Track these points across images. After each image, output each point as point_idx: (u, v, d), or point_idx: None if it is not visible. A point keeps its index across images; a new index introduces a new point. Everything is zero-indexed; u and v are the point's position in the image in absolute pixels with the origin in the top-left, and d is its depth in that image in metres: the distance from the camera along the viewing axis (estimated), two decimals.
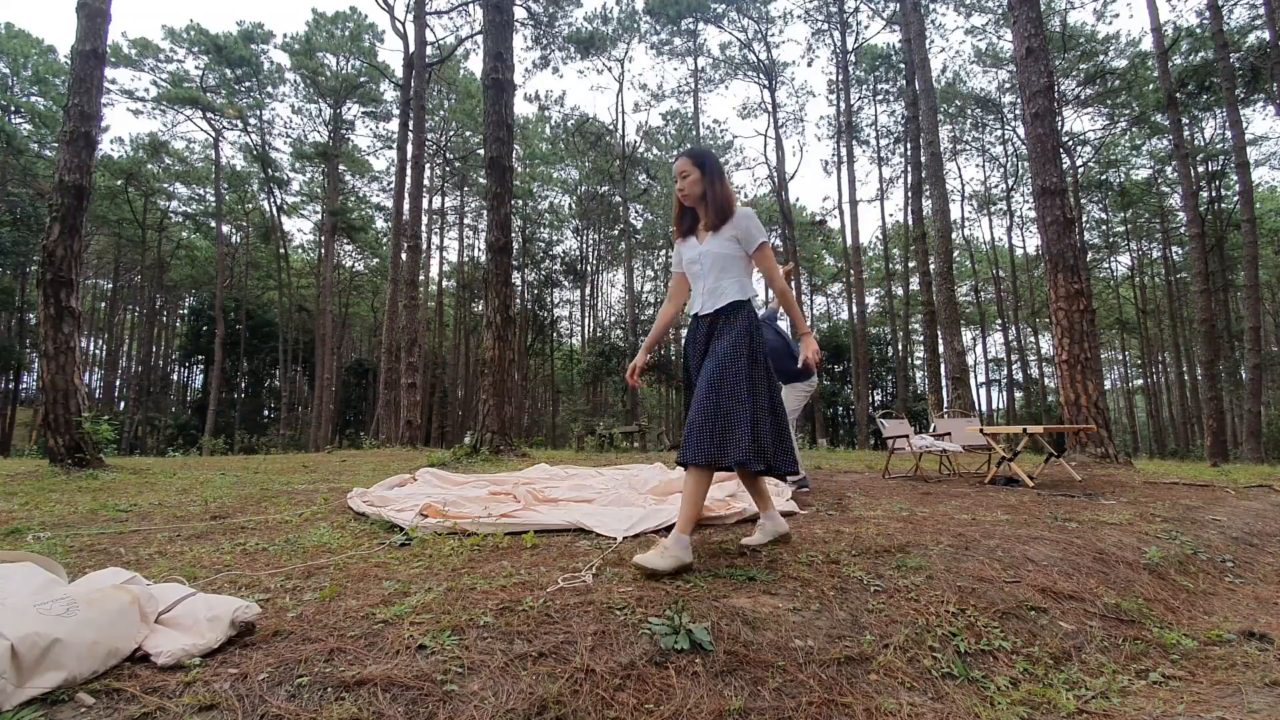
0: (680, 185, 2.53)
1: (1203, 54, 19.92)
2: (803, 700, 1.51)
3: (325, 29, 28.68)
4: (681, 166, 2.54)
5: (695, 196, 2.53)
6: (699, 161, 2.53)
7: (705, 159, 2.54)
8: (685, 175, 2.53)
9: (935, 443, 6.58)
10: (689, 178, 2.52)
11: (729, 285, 2.51)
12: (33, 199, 25.75)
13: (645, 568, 2.13)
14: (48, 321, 6.40)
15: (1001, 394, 39.79)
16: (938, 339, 16.33)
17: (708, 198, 2.51)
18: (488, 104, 9.57)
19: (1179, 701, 1.75)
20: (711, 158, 2.57)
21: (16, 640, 1.22)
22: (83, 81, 6.79)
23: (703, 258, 2.54)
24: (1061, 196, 8.24)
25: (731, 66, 29.24)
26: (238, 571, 2.26)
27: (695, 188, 2.52)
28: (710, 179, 2.51)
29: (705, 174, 2.51)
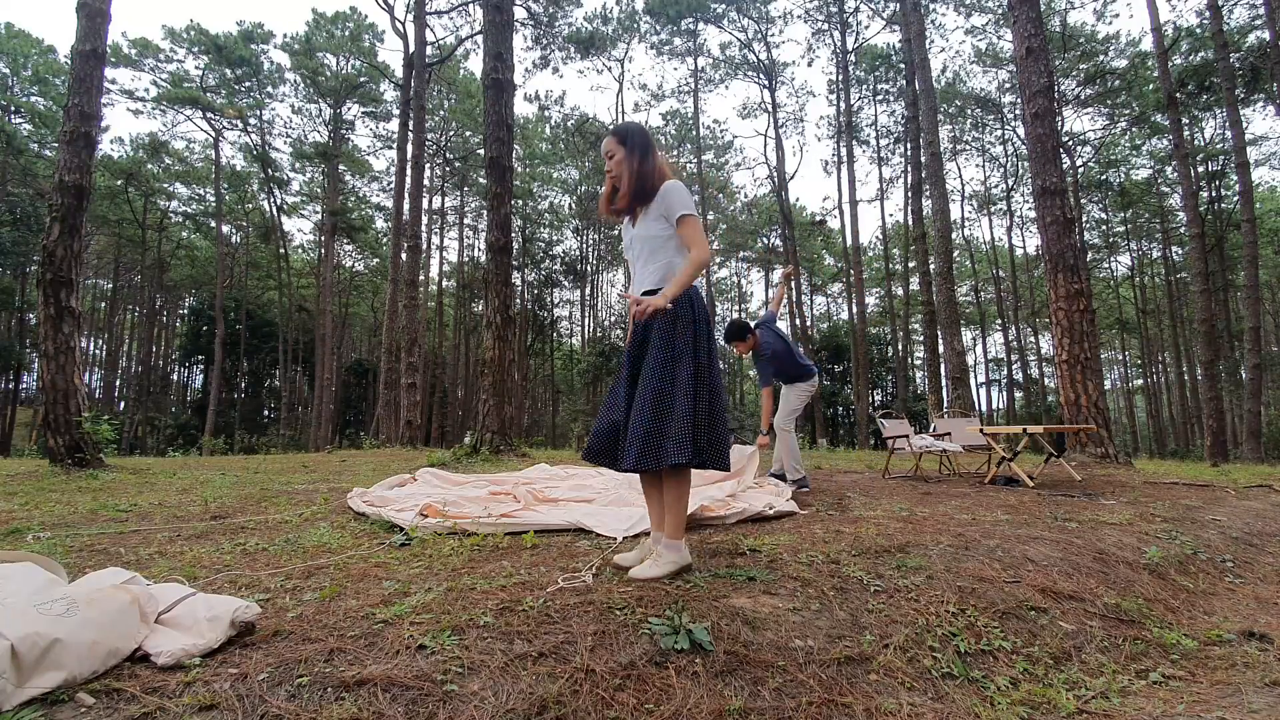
0: (608, 167, 2.36)
1: (1203, 54, 19.92)
2: (803, 700, 1.51)
3: (325, 29, 28.67)
4: (607, 146, 2.36)
5: (620, 176, 2.34)
6: (622, 138, 2.34)
7: (629, 135, 2.34)
8: (610, 155, 2.35)
9: (935, 443, 6.58)
10: (614, 157, 2.34)
11: (656, 270, 2.31)
12: (33, 199, 25.74)
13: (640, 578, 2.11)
14: (48, 321, 6.40)
15: (1001, 394, 39.81)
16: (938, 339, 16.32)
17: (629, 175, 2.31)
18: (488, 104, 9.57)
19: (1179, 701, 1.75)
20: (637, 133, 2.35)
21: (16, 640, 1.22)
22: (83, 81, 6.79)
23: (634, 242, 2.37)
24: (1061, 196, 8.24)
25: (731, 66, 29.24)
26: (238, 571, 2.26)
27: (620, 167, 2.33)
28: (632, 155, 2.31)
29: (628, 150, 2.31)
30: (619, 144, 2.33)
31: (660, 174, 2.32)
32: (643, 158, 2.31)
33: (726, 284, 44.66)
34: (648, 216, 2.32)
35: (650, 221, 2.32)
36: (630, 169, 2.31)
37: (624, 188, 2.33)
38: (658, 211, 2.30)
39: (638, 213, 2.37)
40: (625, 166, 2.31)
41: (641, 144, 2.33)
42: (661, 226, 2.31)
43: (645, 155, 2.32)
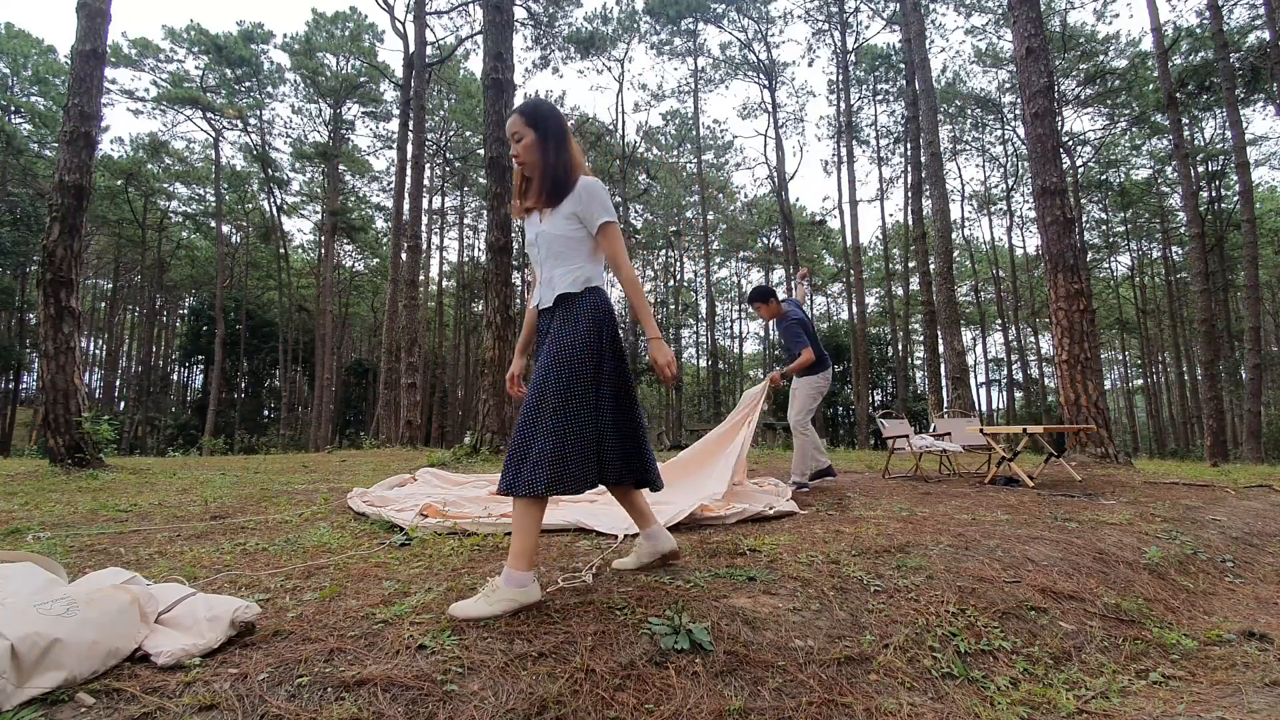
0: (514, 150, 2.05)
1: (1203, 54, 19.92)
2: (803, 700, 1.51)
3: (325, 29, 28.67)
4: (513, 126, 2.04)
5: (531, 165, 2.06)
6: (532, 120, 2.04)
7: (541, 117, 2.04)
8: (518, 137, 2.04)
9: (935, 443, 6.58)
10: (522, 140, 2.03)
11: (563, 274, 2.05)
12: (33, 199, 25.74)
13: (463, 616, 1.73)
14: (48, 321, 6.40)
15: (1001, 394, 39.82)
16: (938, 339, 16.32)
17: (542, 167, 2.03)
18: (488, 104, 9.58)
19: (1179, 701, 1.75)
20: (550, 115, 2.06)
21: (16, 640, 1.22)
22: (83, 81, 6.79)
23: (539, 240, 2.08)
24: (1061, 196, 8.24)
25: (731, 66, 29.26)
26: (238, 571, 2.26)
27: (530, 154, 2.04)
28: (545, 143, 2.02)
29: (540, 136, 2.02)
30: (528, 126, 2.03)
31: (575, 167, 2.05)
32: (558, 147, 2.04)
33: (726, 284, 44.66)
34: (558, 214, 2.05)
35: (561, 220, 2.05)
36: (545, 160, 2.03)
37: (537, 184, 2.06)
38: (571, 209, 2.03)
39: (545, 209, 2.09)
40: (537, 155, 2.03)
41: (556, 131, 2.04)
42: (574, 227, 2.05)
43: (561, 144, 2.04)
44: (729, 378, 44.55)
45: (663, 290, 38.61)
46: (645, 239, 35.70)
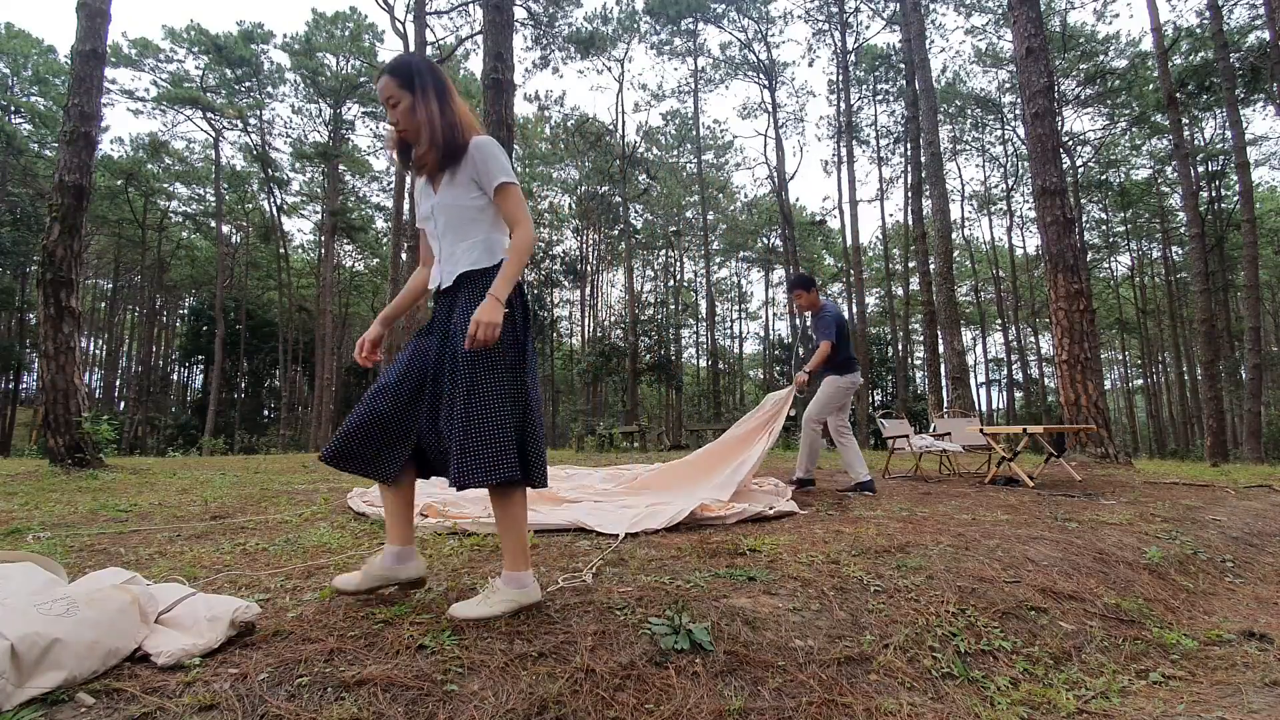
0: (392, 119, 1.82)
1: (1203, 54, 19.93)
2: (803, 700, 1.51)
3: (325, 29, 28.68)
4: (385, 88, 1.80)
5: (414, 129, 1.82)
6: (406, 80, 1.79)
7: (415, 73, 1.80)
8: (393, 101, 1.79)
9: (935, 443, 6.58)
10: (398, 105, 1.79)
11: (466, 249, 1.83)
12: (33, 199, 25.75)
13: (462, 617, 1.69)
14: (48, 321, 6.40)
15: (1001, 394, 39.82)
16: (938, 339, 16.33)
17: (425, 128, 1.79)
18: (488, 104, 9.57)
19: (1179, 701, 1.75)
20: (426, 71, 1.83)
21: (16, 640, 1.22)
22: (83, 81, 6.80)
23: (438, 213, 1.86)
24: (1061, 196, 8.24)
25: (731, 66, 29.26)
26: (238, 571, 2.26)
27: (407, 118, 1.79)
28: (426, 98, 1.79)
29: (418, 94, 1.78)
30: (401, 87, 1.78)
31: (467, 126, 1.84)
32: (441, 102, 1.80)
33: (727, 284, 44.68)
34: (455, 181, 1.83)
35: (459, 189, 1.83)
36: (430, 117, 1.78)
37: (426, 141, 1.81)
38: (468, 175, 1.82)
39: (439, 176, 1.87)
40: (422, 115, 1.79)
41: (437, 84, 1.81)
42: (475, 195, 1.83)
43: (444, 98, 1.81)
44: (729, 378, 44.54)
45: (663, 290, 38.60)
46: (645, 239, 35.70)
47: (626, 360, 27.63)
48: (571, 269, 33.25)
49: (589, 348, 33.68)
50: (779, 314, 43.81)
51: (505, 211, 1.82)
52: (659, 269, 40.04)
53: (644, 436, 17.35)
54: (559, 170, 36.15)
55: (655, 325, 30.82)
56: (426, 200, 1.91)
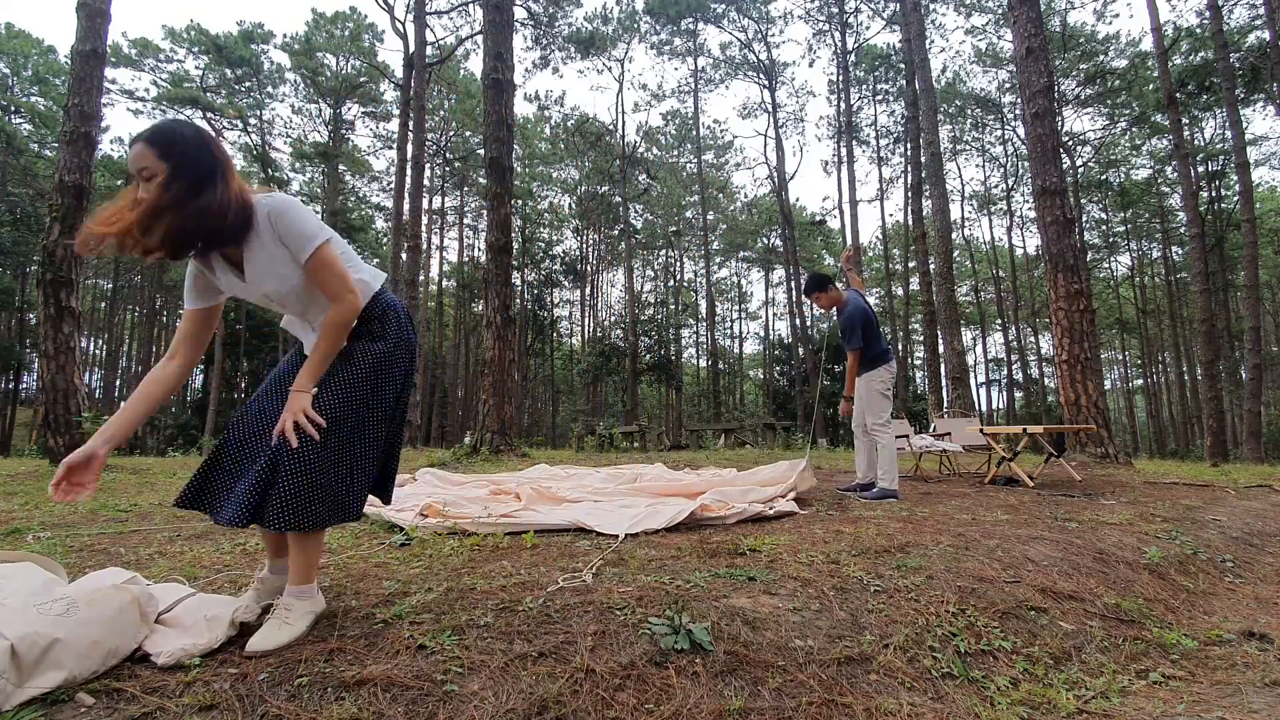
0: (142, 191, 1.46)
1: (1203, 54, 19.94)
2: (803, 700, 1.51)
3: (325, 29, 28.68)
4: (139, 158, 1.47)
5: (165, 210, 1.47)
6: (165, 151, 1.47)
7: (176, 145, 1.48)
8: (147, 174, 1.47)
9: (935, 443, 6.58)
10: (153, 179, 1.46)
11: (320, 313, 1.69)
12: (33, 199, 25.74)
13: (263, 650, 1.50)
14: (48, 321, 6.40)
15: (1001, 394, 39.82)
16: (938, 339, 16.33)
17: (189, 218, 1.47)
18: (488, 104, 9.58)
19: (1179, 701, 1.75)
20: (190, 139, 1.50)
21: (16, 640, 1.22)
22: (83, 81, 6.80)
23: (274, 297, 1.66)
24: (1061, 196, 8.24)
25: (731, 66, 29.27)
26: (238, 571, 2.26)
27: (162, 195, 1.46)
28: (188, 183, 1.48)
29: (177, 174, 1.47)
30: (161, 159, 1.47)
31: (242, 198, 1.55)
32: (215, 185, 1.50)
33: (726, 284, 44.69)
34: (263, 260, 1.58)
35: (277, 267, 1.60)
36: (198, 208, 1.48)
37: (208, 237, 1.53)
38: (276, 247, 1.58)
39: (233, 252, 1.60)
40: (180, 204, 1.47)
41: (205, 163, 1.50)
42: (294, 272, 1.62)
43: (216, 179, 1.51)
44: (729, 378, 44.55)
45: (663, 290, 38.61)
46: (645, 239, 35.71)
47: (626, 360, 27.63)
48: (571, 269, 33.29)
49: (589, 348, 33.69)
50: (779, 314, 43.85)
51: (320, 283, 1.62)
52: (659, 269, 40.05)
53: (644, 436, 17.36)
54: (559, 170, 36.16)
55: (655, 325, 30.84)
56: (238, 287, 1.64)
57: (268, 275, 1.61)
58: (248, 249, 1.58)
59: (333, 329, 1.63)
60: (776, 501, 3.74)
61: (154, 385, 1.64)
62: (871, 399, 4.57)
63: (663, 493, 4.02)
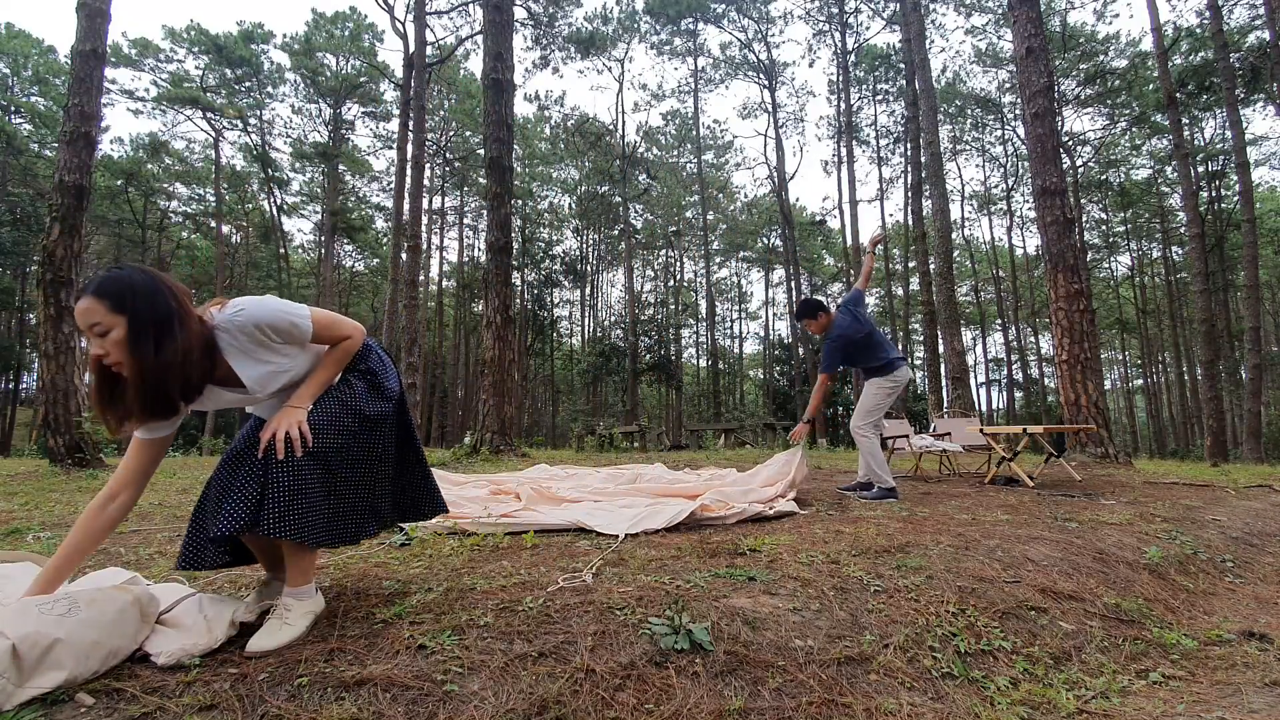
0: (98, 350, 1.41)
1: (1203, 54, 19.93)
2: (803, 700, 1.51)
3: (325, 29, 28.68)
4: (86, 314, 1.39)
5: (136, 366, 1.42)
6: (118, 303, 1.40)
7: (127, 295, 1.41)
8: (99, 330, 1.39)
9: (935, 443, 6.58)
10: (109, 336, 1.39)
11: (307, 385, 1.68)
12: (33, 199, 25.74)
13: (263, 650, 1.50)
14: (48, 321, 6.40)
15: (1001, 394, 39.83)
16: (938, 339, 16.34)
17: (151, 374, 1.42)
18: (488, 104, 9.58)
19: (1179, 701, 1.75)
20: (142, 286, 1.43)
21: (18, 640, 1.22)
22: (83, 81, 6.79)
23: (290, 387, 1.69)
24: (1061, 196, 8.24)
25: (731, 66, 29.28)
26: (237, 572, 2.26)
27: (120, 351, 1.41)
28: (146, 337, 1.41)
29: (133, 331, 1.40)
30: (114, 311, 1.39)
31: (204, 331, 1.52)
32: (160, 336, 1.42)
33: (726, 284, 44.68)
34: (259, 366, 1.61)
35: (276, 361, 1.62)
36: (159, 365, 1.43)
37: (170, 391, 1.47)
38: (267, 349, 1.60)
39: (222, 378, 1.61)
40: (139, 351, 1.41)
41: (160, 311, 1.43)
42: (297, 357, 1.66)
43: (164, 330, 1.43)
44: (729, 378, 44.54)
45: (663, 290, 38.61)
46: (645, 239, 35.71)
47: (626, 360, 27.63)
48: (571, 269, 33.28)
49: (589, 348, 33.69)
50: (779, 314, 43.86)
51: (329, 340, 1.69)
52: (659, 269, 40.05)
53: (644, 436, 17.36)
54: (559, 170, 36.16)
55: (655, 325, 30.83)
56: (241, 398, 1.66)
57: (271, 378, 1.63)
58: (240, 365, 1.57)
59: (338, 357, 1.70)
60: (776, 501, 3.74)
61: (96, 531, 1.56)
62: (867, 402, 4.54)
63: (663, 493, 4.02)
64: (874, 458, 4.40)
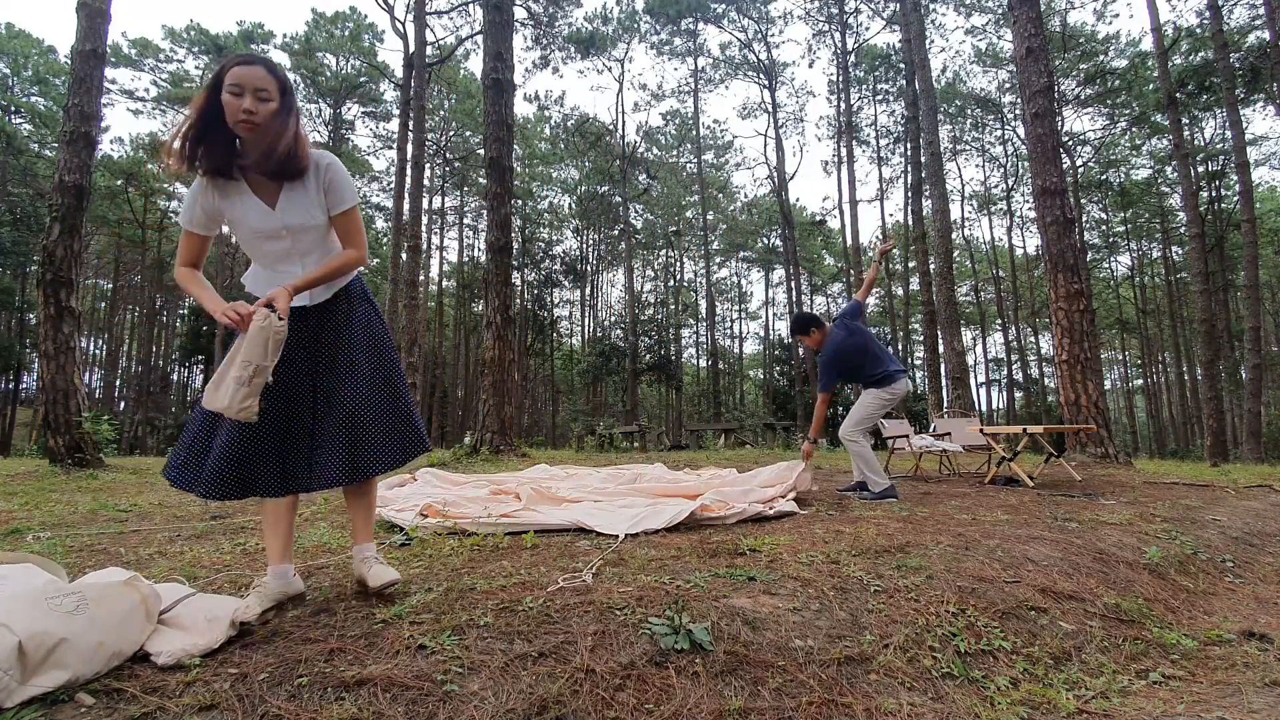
0: (245, 105, 1.63)
1: (1203, 54, 19.92)
2: (803, 700, 1.51)
3: (325, 29, 28.68)
4: (259, 78, 1.66)
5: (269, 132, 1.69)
6: (282, 83, 1.71)
7: (288, 84, 1.74)
8: (263, 96, 1.66)
9: (935, 443, 6.58)
10: (269, 103, 1.67)
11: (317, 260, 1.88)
12: (33, 199, 25.74)
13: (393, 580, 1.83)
14: (48, 321, 6.40)
15: (1001, 394, 39.81)
16: (938, 339, 16.33)
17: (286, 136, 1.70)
18: (488, 104, 9.58)
19: (1179, 701, 1.75)
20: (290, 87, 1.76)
21: (26, 638, 1.23)
22: (83, 81, 6.80)
23: (283, 232, 1.79)
24: (1061, 196, 8.24)
25: (731, 66, 29.27)
26: (238, 571, 2.26)
27: (272, 122, 1.69)
28: (289, 113, 1.72)
29: (284, 104, 1.71)
30: (279, 91, 1.70)
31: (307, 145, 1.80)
32: (297, 119, 1.75)
33: (726, 284, 44.68)
34: (296, 200, 1.78)
35: (309, 208, 1.79)
36: (288, 129, 1.70)
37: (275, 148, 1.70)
38: (316, 193, 1.79)
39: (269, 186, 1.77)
40: (281, 123, 1.69)
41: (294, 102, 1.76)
42: (321, 215, 1.82)
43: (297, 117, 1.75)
44: (729, 378, 44.54)
45: (663, 290, 38.60)
46: (645, 239, 35.70)
47: (626, 360, 27.63)
48: (571, 269, 33.28)
49: (589, 348, 33.69)
50: (779, 314, 43.85)
51: (346, 231, 1.86)
52: (659, 269, 40.04)
53: (644, 436, 17.36)
54: (559, 170, 36.15)
55: (655, 325, 30.83)
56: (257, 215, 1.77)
57: (298, 211, 1.79)
58: (289, 184, 1.78)
59: (347, 261, 1.85)
60: (776, 502, 3.74)
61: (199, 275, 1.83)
62: (870, 409, 4.51)
63: (663, 493, 4.02)
64: (865, 461, 4.42)
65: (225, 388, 1.62)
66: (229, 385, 1.62)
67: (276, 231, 1.79)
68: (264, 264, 1.86)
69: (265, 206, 1.77)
